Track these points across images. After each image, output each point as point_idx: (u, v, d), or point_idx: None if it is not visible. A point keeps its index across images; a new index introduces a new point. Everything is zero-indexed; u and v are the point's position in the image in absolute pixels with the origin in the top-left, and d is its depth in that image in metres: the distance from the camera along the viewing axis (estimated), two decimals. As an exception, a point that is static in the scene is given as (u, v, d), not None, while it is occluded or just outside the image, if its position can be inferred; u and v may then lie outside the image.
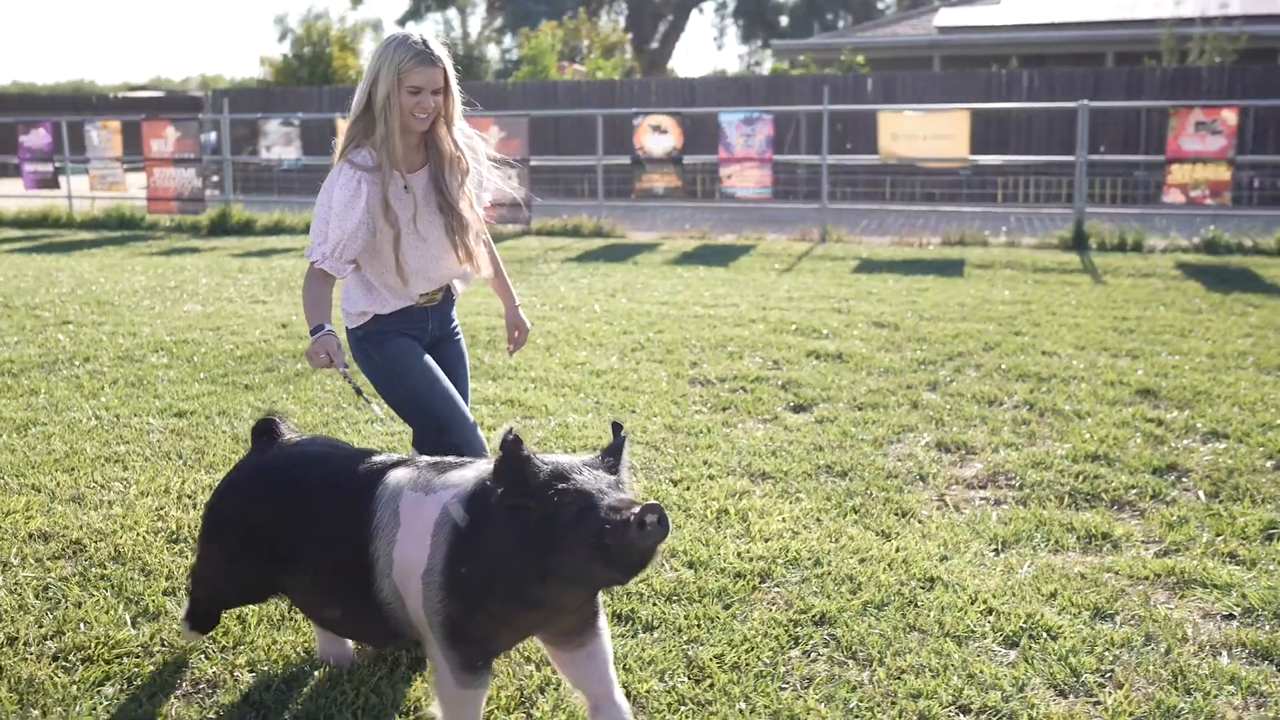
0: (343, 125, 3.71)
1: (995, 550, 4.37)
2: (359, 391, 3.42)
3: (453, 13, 57.28)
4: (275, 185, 19.12)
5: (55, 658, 3.47)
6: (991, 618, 3.75)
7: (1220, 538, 4.45)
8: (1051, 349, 7.62)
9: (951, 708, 3.20)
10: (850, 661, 3.47)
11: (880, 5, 56.35)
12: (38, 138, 17.86)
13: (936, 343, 7.83)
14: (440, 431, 3.57)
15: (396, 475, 2.98)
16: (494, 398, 6.44)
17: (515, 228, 15.30)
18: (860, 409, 6.24)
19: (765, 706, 3.19)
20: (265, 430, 3.32)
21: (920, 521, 4.66)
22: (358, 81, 26.33)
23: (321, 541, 3.00)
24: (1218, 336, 7.97)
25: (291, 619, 3.71)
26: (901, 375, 6.96)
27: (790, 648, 3.56)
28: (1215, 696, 3.27)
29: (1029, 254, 12.62)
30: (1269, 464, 5.30)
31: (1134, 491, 4.98)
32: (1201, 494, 4.96)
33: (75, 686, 3.30)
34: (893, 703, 3.22)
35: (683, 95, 20.89)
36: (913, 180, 18.87)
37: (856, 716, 3.16)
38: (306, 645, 3.54)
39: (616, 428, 2.86)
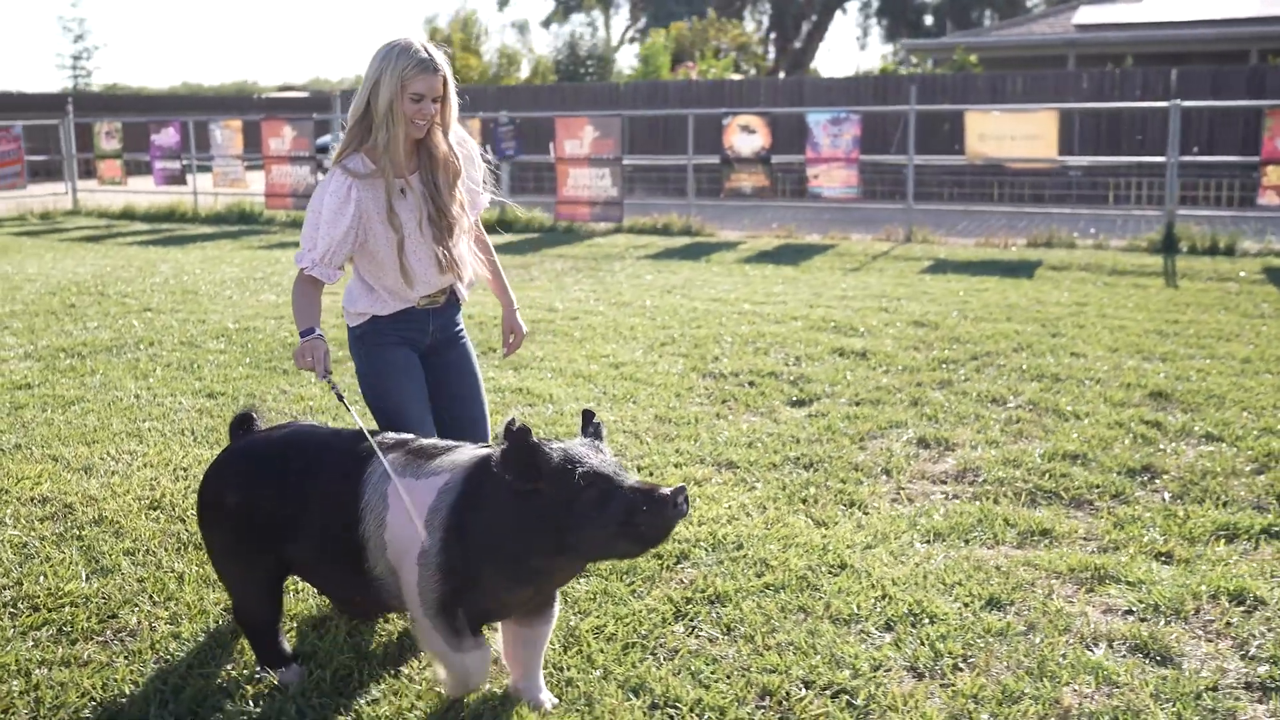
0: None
1: (926, 541, 4.44)
2: (341, 398, 3.56)
3: (597, 13, 58.00)
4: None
5: (5, 605, 3.84)
6: (882, 603, 3.85)
7: (1164, 537, 4.45)
8: (1083, 350, 7.55)
9: (798, 683, 3.33)
10: (724, 637, 3.62)
11: (1029, 2, 55.07)
12: (167, 137, 18.83)
13: (969, 343, 7.82)
14: None
15: (387, 458, 3.12)
16: (505, 386, 6.70)
17: (607, 225, 15.58)
18: (858, 404, 6.32)
19: (620, 674, 3.37)
20: (242, 424, 3.51)
21: (865, 513, 4.76)
22: (478, 82, 26.84)
23: (313, 519, 3.17)
24: (1264, 341, 7.78)
25: (212, 585, 4.02)
26: (917, 373, 7.00)
27: (674, 622, 3.72)
28: (1066, 685, 3.33)
29: (1113, 256, 12.38)
30: (1249, 468, 5.24)
31: (1097, 490, 4.98)
32: (1167, 495, 4.94)
33: (12, 630, 3.66)
34: (743, 675, 3.37)
35: (791, 95, 20.91)
36: (1021, 181, 18.58)
37: (703, 686, 3.31)
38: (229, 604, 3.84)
39: (587, 416, 3.04)
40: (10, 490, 4.98)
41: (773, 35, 57.75)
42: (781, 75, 49.05)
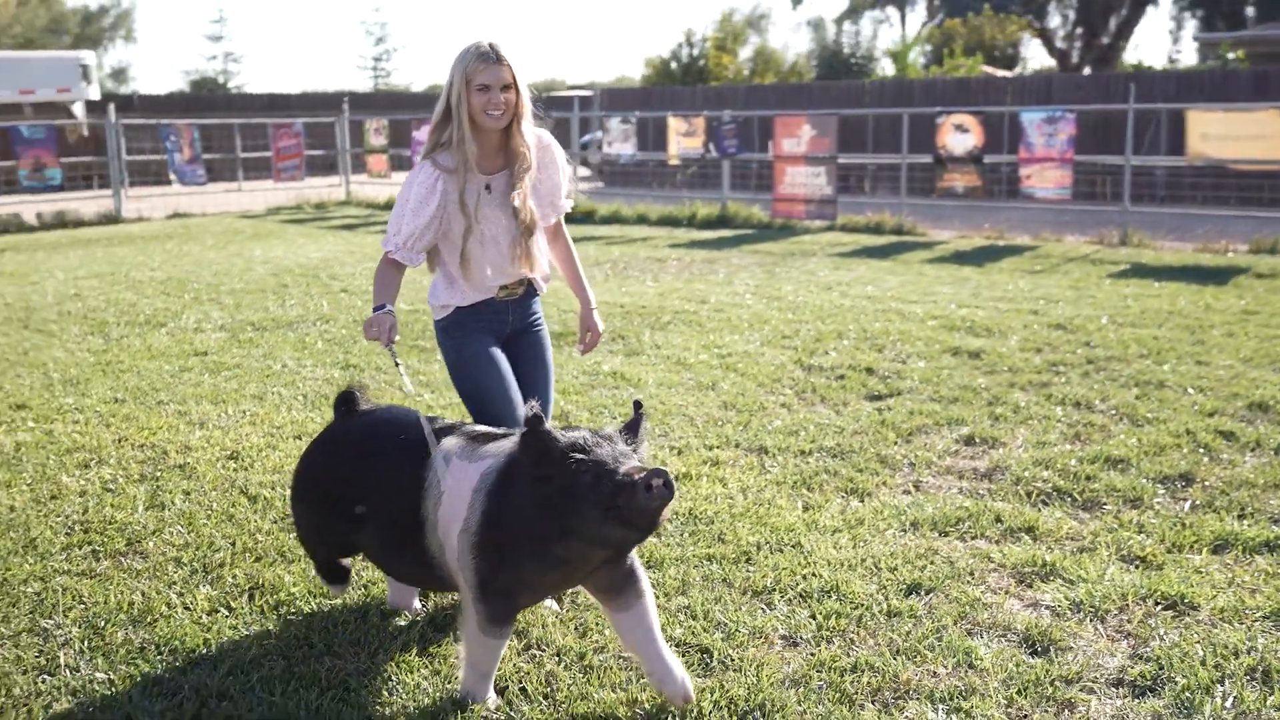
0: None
1: (901, 530, 4.56)
2: (397, 363, 3.90)
3: (891, 9, 57.46)
4: (617, 178, 20.51)
5: (66, 527, 4.57)
6: (803, 580, 4.04)
7: (1150, 542, 4.41)
8: (1211, 359, 7.28)
9: (668, 639, 3.59)
10: (634, 598, 3.91)
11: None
12: (425, 134, 20.16)
13: (1097, 347, 7.66)
14: None
15: (447, 443, 3.46)
16: (605, 370, 7.11)
17: (821, 223, 15.71)
18: (932, 401, 6.38)
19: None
20: (345, 402, 3.87)
21: (861, 500, 4.90)
22: (733, 81, 27.21)
23: (385, 500, 3.50)
24: None
25: (234, 522, 4.63)
26: (1018, 375, 6.96)
27: (599, 582, 4.04)
28: (919, 664, 3.46)
29: (1335, 265, 11.59)
30: (1295, 483, 5.04)
31: (1115, 495, 4.94)
32: (1188, 504, 4.85)
33: (59, 546, 4.37)
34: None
35: (1038, 93, 20.35)
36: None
37: (580, 635, 3.63)
38: (236, 539, 4.43)
39: (637, 405, 3.30)
40: (129, 437, 5.79)
41: (1078, 31, 55.50)
42: (1088, 70, 47.13)
